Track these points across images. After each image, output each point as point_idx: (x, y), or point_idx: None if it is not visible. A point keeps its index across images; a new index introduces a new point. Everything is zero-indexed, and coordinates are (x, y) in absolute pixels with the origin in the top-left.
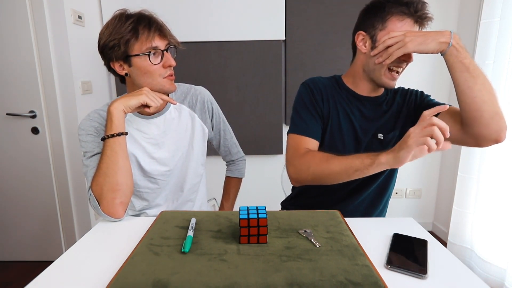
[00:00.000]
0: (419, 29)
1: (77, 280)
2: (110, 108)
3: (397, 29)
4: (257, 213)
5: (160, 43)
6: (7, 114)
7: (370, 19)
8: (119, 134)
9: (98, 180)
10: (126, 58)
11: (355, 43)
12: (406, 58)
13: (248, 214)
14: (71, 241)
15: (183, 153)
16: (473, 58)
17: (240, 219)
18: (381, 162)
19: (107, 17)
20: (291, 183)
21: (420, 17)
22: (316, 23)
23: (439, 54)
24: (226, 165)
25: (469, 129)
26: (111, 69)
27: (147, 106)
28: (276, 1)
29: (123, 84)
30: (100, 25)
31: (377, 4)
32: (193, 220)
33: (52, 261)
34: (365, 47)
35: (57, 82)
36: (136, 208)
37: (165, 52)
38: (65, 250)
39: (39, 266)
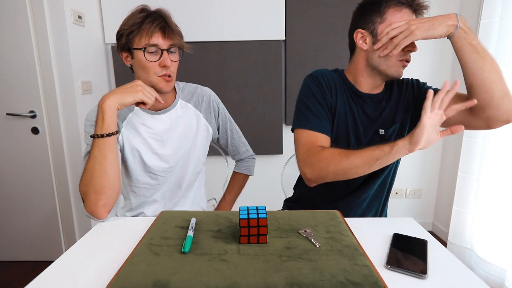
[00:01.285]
0: (416, 17)
1: (77, 280)
2: (102, 105)
3: (396, 19)
4: (257, 213)
5: (161, 42)
6: (7, 114)
7: (367, 15)
8: (109, 135)
9: (84, 180)
10: (130, 50)
11: (354, 43)
12: (410, 48)
13: (248, 214)
14: (71, 241)
15: (186, 151)
16: None
17: (240, 219)
18: (399, 146)
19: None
20: (307, 184)
21: (418, 5)
22: (316, 23)
23: (444, 38)
24: (235, 163)
25: (480, 111)
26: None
27: (143, 103)
28: (276, 1)
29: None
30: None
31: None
32: (193, 220)
33: (52, 261)
34: (366, 44)
35: (57, 82)
36: (132, 204)
37: (164, 52)
38: (65, 250)
39: (39, 266)
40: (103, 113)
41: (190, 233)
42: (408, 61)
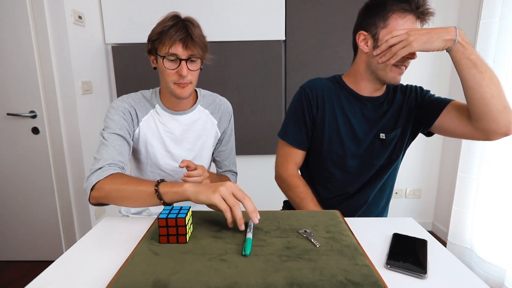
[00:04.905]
0: (421, 25)
1: (77, 280)
2: (187, 189)
3: (399, 26)
4: (178, 213)
5: (180, 52)
6: (8, 114)
7: (371, 18)
8: (164, 204)
9: (112, 194)
10: (155, 55)
11: (356, 43)
12: (410, 56)
13: (168, 214)
14: (71, 241)
15: (196, 154)
16: None
17: (158, 218)
18: None
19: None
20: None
21: (422, 13)
22: (316, 23)
23: (445, 52)
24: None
25: (478, 123)
26: None
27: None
28: (276, 1)
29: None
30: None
31: (377, 1)
32: (251, 222)
33: (52, 261)
34: (367, 46)
35: (57, 82)
36: None
37: (183, 61)
38: (65, 250)
39: (39, 266)
40: (184, 195)
41: (249, 235)
42: (405, 67)
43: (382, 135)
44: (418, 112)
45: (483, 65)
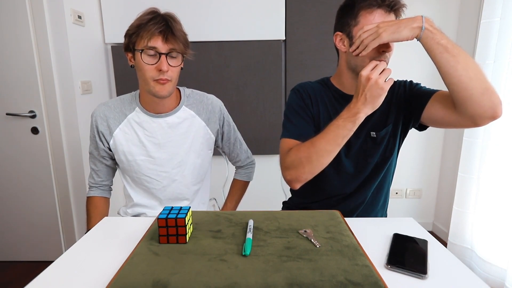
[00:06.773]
0: (396, 18)
1: (77, 280)
2: None
3: (369, 22)
4: (178, 213)
5: (160, 45)
6: (7, 114)
7: (344, 18)
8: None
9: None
10: (132, 50)
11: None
12: (385, 48)
13: (168, 214)
14: (71, 241)
15: (183, 158)
16: (474, 58)
17: (158, 219)
18: (361, 117)
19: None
20: (291, 187)
21: (388, 5)
22: (316, 23)
23: (416, 41)
24: (235, 168)
25: (463, 109)
26: None
27: None
28: (276, 1)
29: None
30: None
31: (348, 2)
32: (251, 222)
33: (52, 261)
34: (344, 46)
35: (57, 82)
36: (134, 200)
37: (162, 56)
38: (65, 250)
39: (39, 266)
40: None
41: (249, 235)
42: (385, 62)
43: (373, 134)
44: (406, 106)
45: (455, 48)
